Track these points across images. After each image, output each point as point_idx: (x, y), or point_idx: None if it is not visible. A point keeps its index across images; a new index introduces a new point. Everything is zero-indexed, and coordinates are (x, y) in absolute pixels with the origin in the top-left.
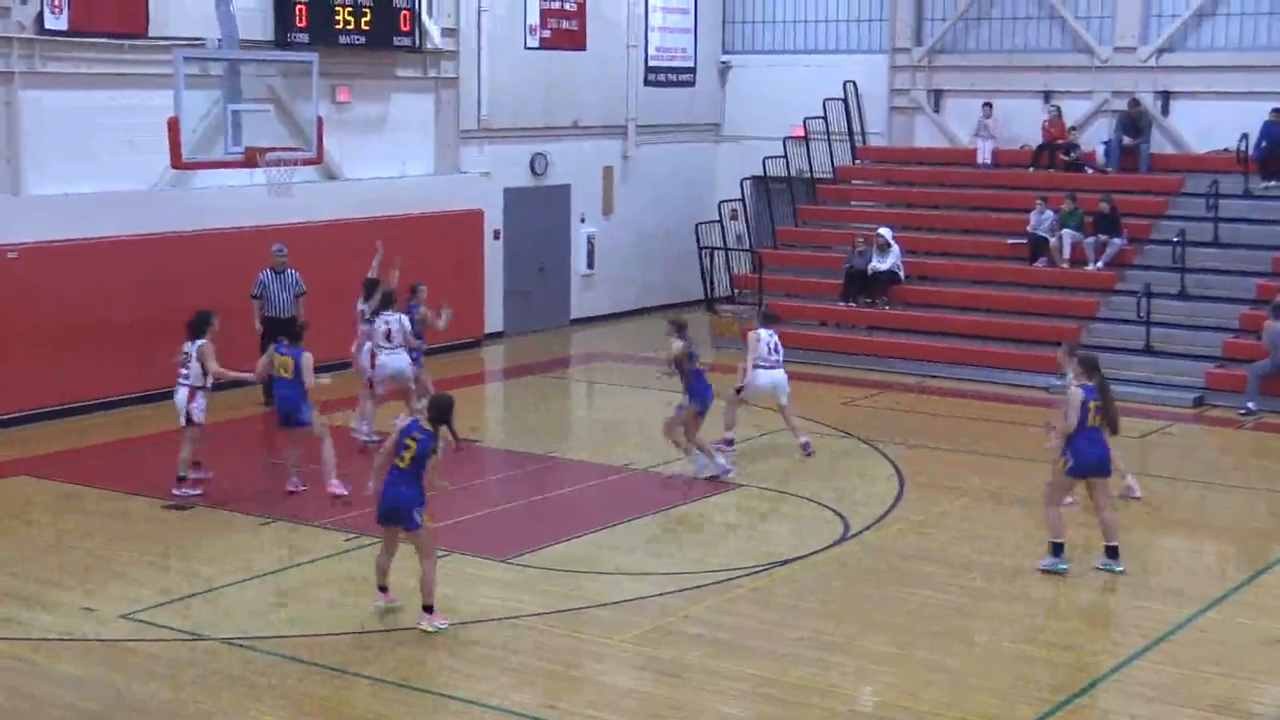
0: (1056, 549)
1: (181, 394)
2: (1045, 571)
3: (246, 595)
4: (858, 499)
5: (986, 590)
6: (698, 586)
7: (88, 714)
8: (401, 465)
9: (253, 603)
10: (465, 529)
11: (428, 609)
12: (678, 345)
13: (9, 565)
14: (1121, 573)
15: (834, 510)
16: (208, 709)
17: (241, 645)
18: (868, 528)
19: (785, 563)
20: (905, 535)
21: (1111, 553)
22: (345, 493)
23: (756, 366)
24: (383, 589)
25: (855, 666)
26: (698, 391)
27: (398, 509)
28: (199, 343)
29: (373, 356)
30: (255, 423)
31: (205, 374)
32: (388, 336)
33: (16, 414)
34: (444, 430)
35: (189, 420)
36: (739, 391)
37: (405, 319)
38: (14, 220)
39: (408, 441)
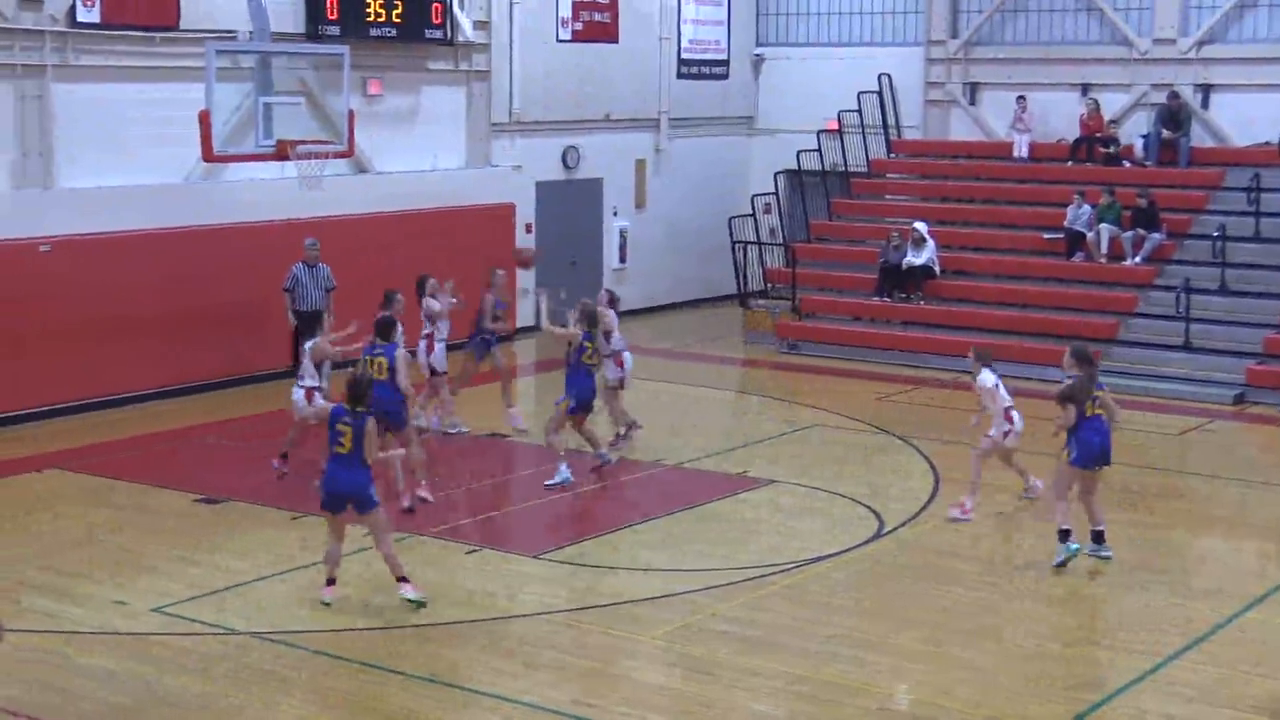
0: (1064, 535)
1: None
2: (1061, 566)
3: (277, 590)
4: (892, 495)
5: (1021, 588)
6: (729, 583)
7: (119, 707)
8: (342, 451)
9: (283, 597)
10: (497, 525)
11: (403, 579)
12: (564, 331)
13: (40, 558)
14: (1108, 558)
15: (868, 507)
16: (238, 703)
17: (272, 640)
18: (902, 525)
19: (818, 559)
20: (940, 532)
21: (1098, 538)
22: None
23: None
24: (331, 582)
25: (888, 664)
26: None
27: (347, 494)
28: (312, 343)
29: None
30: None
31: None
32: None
33: (47, 407)
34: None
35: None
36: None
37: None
38: (46, 213)
39: (340, 428)
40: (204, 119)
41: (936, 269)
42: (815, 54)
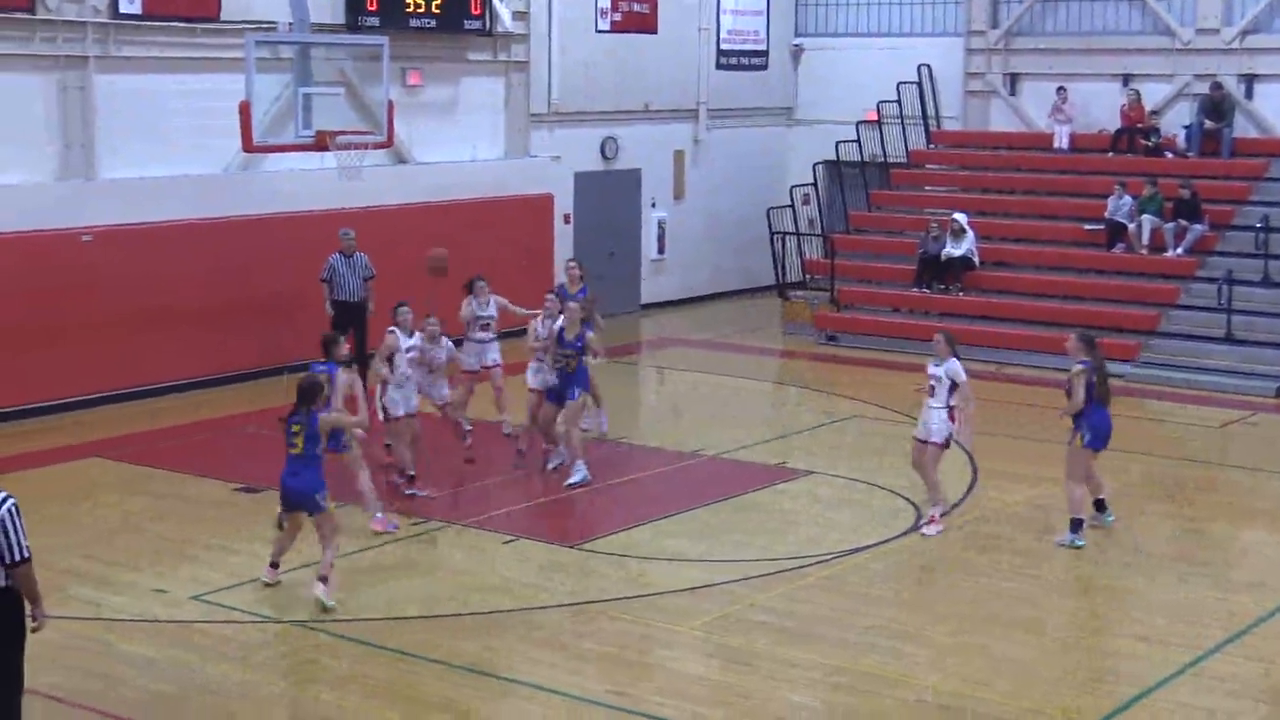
0: (1076, 525)
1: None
2: (1062, 546)
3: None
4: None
5: (1059, 581)
6: (768, 574)
7: (160, 694)
8: (296, 452)
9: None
10: (534, 514)
11: (324, 579)
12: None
13: (81, 546)
14: (1113, 522)
15: (906, 499)
16: (278, 691)
17: (311, 628)
18: (940, 517)
19: (856, 551)
20: (978, 524)
21: (1099, 505)
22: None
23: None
24: (274, 565)
25: (926, 656)
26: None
27: (301, 496)
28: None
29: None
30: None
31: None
32: (485, 328)
33: (88, 396)
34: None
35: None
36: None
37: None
38: (88, 203)
39: (294, 428)
40: (244, 110)
41: (976, 260)
42: (854, 44)
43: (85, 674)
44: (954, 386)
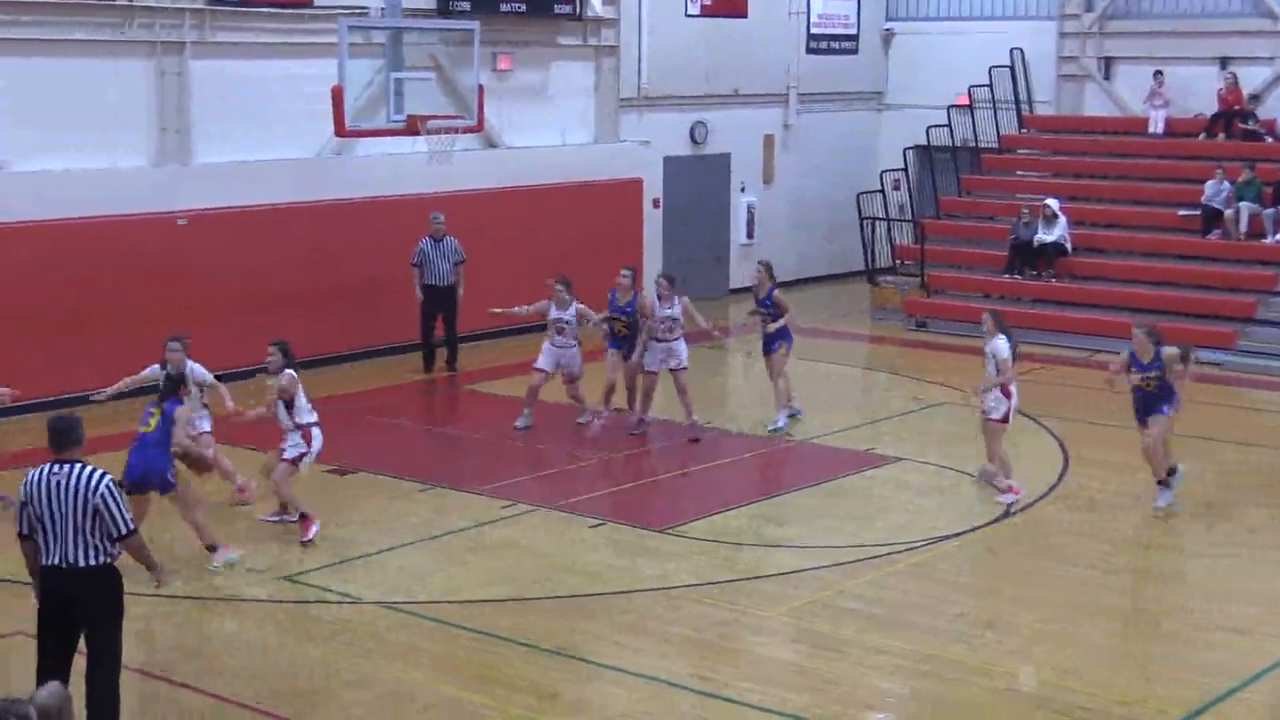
0: (1172, 470)
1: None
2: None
3: (405, 560)
4: (1020, 475)
5: (1150, 570)
6: (857, 560)
7: (249, 672)
8: (147, 430)
9: (409, 567)
10: (622, 499)
11: (212, 548)
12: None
13: (172, 526)
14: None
15: (994, 486)
16: (366, 671)
17: (399, 609)
18: (1030, 504)
19: (945, 538)
20: (1069, 512)
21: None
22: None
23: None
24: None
25: (1015, 644)
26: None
27: (148, 477)
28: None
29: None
30: (414, 390)
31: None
32: (560, 331)
33: None
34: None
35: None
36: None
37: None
38: (183, 188)
39: (152, 409)
40: (336, 95)
41: (1068, 246)
42: (946, 28)
43: (177, 651)
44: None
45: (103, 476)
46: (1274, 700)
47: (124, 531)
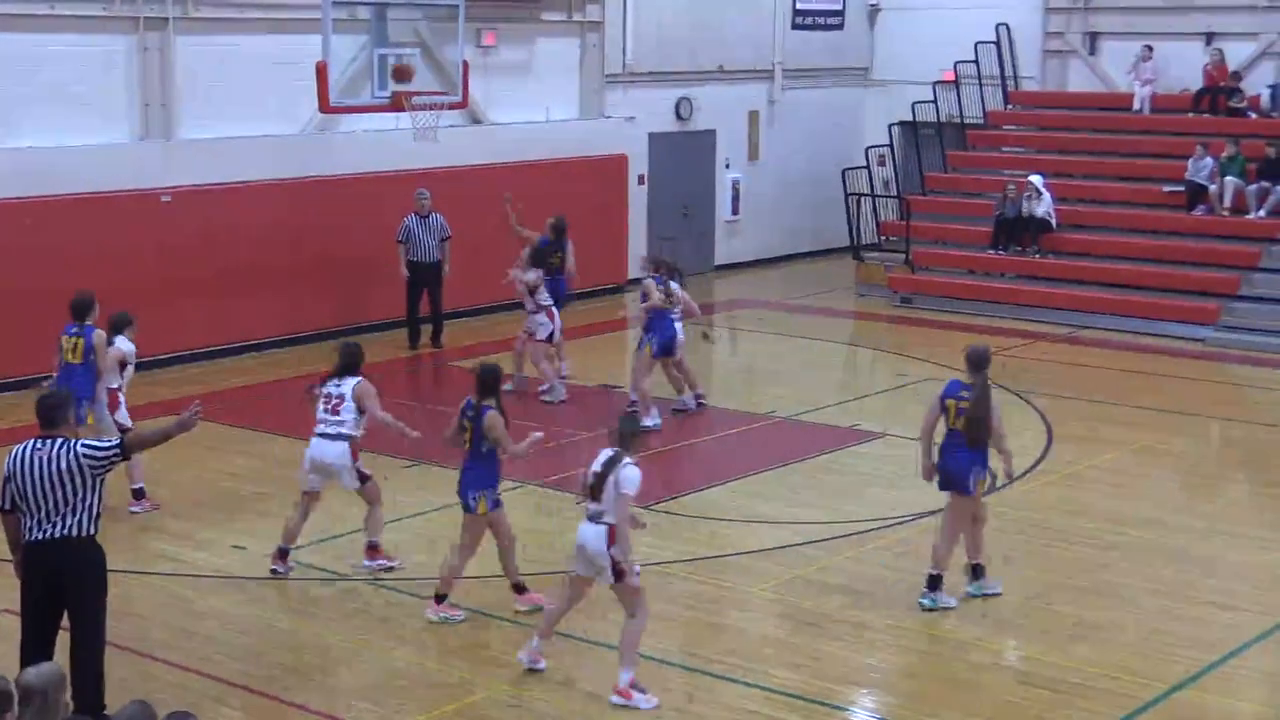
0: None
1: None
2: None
3: (391, 537)
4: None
5: (1136, 546)
6: (840, 536)
7: (238, 649)
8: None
9: (397, 544)
10: None
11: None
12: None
13: (162, 504)
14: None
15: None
16: (355, 648)
17: (386, 586)
18: (1014, 480)
19: (929, 514)
20: (1052, 489)
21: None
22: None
23: None
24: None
25: (1000, 620)
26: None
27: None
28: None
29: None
30: (399, 366)
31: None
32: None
33: (165, 356)
34: None
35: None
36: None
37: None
38: (167, 164)
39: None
40: (321, 70)
41: (1053, 222)
42: (932, 4)
43: (164, 627)
44: None
45: (80, 442)
46: (1258, 674)
47: (117, 451)
